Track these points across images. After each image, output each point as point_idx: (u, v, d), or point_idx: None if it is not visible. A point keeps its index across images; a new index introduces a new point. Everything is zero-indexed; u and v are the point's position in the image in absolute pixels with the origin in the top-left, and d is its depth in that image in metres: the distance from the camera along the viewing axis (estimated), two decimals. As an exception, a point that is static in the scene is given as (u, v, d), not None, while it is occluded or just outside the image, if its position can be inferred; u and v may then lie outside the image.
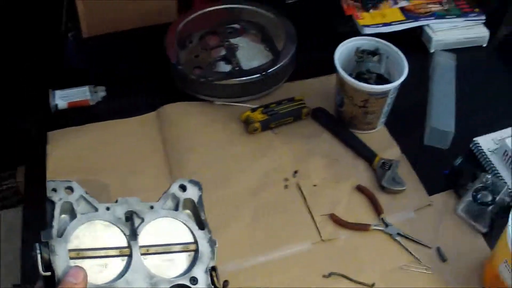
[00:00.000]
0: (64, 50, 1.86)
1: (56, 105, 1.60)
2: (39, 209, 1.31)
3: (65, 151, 1.50)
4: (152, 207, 0.88)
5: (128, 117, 1.60)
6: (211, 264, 0.86)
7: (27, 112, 1.64)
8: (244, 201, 1.40)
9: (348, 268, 1.28)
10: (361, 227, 1.34)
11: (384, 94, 1.44)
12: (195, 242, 0.87)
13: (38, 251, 0.77)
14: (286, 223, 1.36)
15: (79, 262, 0.78)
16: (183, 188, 0.92)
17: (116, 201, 0.87)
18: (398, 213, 1.38)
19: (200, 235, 0.88)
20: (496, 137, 1.50)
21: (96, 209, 0.85)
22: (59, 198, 0.84)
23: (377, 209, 1.37)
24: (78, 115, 1.60)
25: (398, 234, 1.33)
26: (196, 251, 0.86)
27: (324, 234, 1.33)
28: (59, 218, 0.83)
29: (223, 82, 1.58)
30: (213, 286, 0.84)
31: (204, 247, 0.87)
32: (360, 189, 1.41)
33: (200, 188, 0.93)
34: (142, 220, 0.86)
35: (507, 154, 1.42)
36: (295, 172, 1.45)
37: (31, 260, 0.78)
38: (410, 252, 1.31)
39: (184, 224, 0.89)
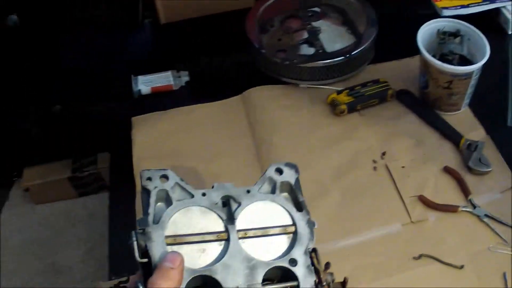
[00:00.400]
0: (143, 36, 1.90)
1: (140, 91, 1.63)
2: (125, 197, 1.39)
3: (149, 136, 1.53)
4: (248, 191, 0.87)
5: (211, 101, 1.62)
6: (311, 246, 0.84)
7: (110, 98, 1.69)
8: (333, 182, 1.42)
9: (437, 249, 1.29)
10: (449, 209, 1.36)
11: (468, 75, 1.44)
12: (294, 224, 0.86)
13: (134, 238, 0.77)
14: (375, 205, 1.38)
15: (176, 248, 0.79)
16: (279, 171, 0.91)
17: (212, 187, 0.87)
18: (485, 195, 1.38)
19: (298, 216, 0.87)
20: None
21: (192, 196, 0.85)
22: (154, 186, 0.84)
23: (465, 191, 1.38)
24: (162, 100, 1.63)
25: (486, 215, 1.34)
26: (295, 233, 0.85)
27: (414, 215, 1.35)
28: (154, 206, 0.83)
29: (307, 65, 1.59)
30: (313, 268, 0.83)
31: (302, 228, 0.86)
32: (447, 170, 1.43)
33: (297, 171, 0.92)
34: (239, 204, 0.86)
35: None
36: (383, 153, 1.47)
37: (126, 246, 0.78)
38: (498, 234, 1.32)
39: (282, 206, 0.88)
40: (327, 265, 0.85)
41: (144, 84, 1.64)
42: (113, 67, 1.78)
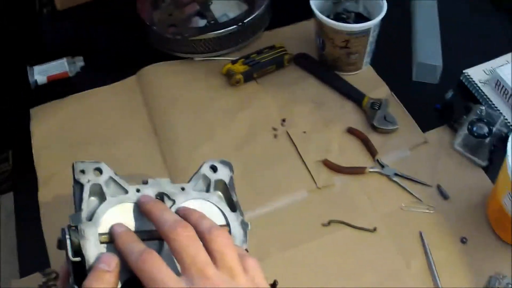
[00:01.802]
0: (40, 26, 1.79)
1: (36, 81, 1.54)
2: (30, 192, 1.30)
3: (49, 126, 1.44)
4: (183, 189, 0.82)
5: (108, 84, 1.53)
6: (244, 247, 0.79)
7: (7, 91, 1.58)
8: (233, 154, 1.32)
9: (348, 214, 1.20)
10: (356, 171, 1.26)
11: (365, 32, 1.36)
12: (227, 224, 0.81)
13: (67, 236, 0.71)
14: (279, 174, 1.28)
15: (110, 247, 0.73)
16: (213, 169, 0.86)
17: (147, 182, 0.81)
18: (393, 153, 1.30)
19: (232, 217, 0.82)
20: (486, 67, 1.42)
21: (126, 191, 0.79)
22: (87, 179, 0.77)
23: (371, 151, 1.29)
24: (59, 88, 1.53)
25: (396, 174, 1.25)
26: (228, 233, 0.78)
27: (319, 181, 1.25)
28: (88, 201, 0.76)
29: (200, 37, 1.49)
30: None
31: (236, 229, 0.80)
32: (351, 131, 1.33)
33: (231, 169, 0.88)
34: (174, 202, 0.80)
35: (499, 84, 1.34)
36: (283, 120, 1.37)
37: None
38: (410, 192, 1.23)
39: (216, 206, 0.82)
40: (275, 284, 0.80)
41: (40, 73, 1.54)
42: (8, 59, 1.65)
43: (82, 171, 0.77)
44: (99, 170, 0.79)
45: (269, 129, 1.36)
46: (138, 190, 0.79)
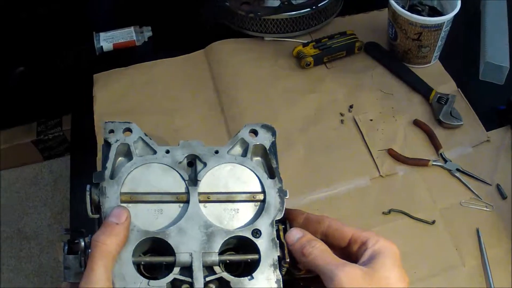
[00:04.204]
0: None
1: (101, 47, 1.51)
2: (87, 156, 1.27)
3: (111, 93, 1.42)
4: (217, 152, 0.76)
5: (175, 56, 1.50)
6: (279, 217, 0.73)
7: (72, 56, 1.57)
8: (299, 136, 1.30)
9: (408, 204, 1.18)
10: (419, 163, 1.24)
11: (438, 26, 1.32)
12: (263, 191, 0.74)
13: (88, 193, 0.69)
14: (343, 158, 1.26)
15: (132, 207, 0.69)
16: (254, 133, 0.78)
17: (178, 144, 0.76)
18: (456, 149, 1.27)
19: (269, 184, 0.75)
20: (553, 71, 1.37)
21: (155, 152, 0.74)
22: (116, 139, 0.74)
23: (435, 144, 1.26)
24: (124, 57, 1.51)
25: (458, 170, 1.23)
26: (263, 201, 0.74)
27: (383, 169, 1.23)
28: (114, 160, 0.73)
29: (272, 17, 1.46)
30: (278, 241, 0.71)
31: (272, 197, 0.74)
32: (417, 123, 1.30)
33: (274, 134, 0.79)
34: (205, 165, 0.74)
35: None
36: (351, 106, 1.34)
37: (81, 205, 0.69)
38: (470, 189, 1.20)
39: (252, 171, 0.76)
40: None
41: (106, 40, 1.51)
42: (75, 24, 1.63)
43: (112, 131, 0.74)
44: (129, 130, 0.75)
45: (336, 114, 1.34)
46: (167, 152, 0.75)
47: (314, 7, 1.46)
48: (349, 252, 0.68)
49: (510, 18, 1.51)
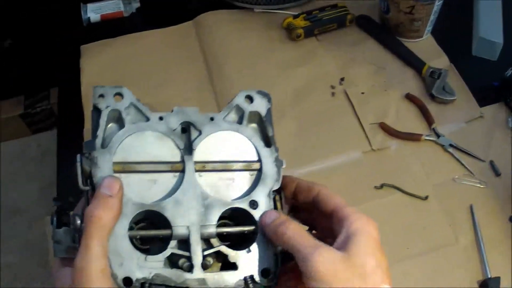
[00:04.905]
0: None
1: (89, 18, 1.47)
2: (74, 129, 1.24)
3: (99, 64, 1.39)
4: (212, 119, 0.71)
5: (163, 27, 1.47)
6: (275, 187, 0.69)
7: (60, 27, 1.52)
8: (289, 109, 1.27)
9: (400, 179, 1.15)
10: (412, 137, 1.21)
11: (431, 0, 1.29)
12: (259, 160, 0.71)
13: (78, 163, 0.64)
14: (334, 132, 1.23)
15: (124, 177, 0.65)
16: (250, 98, 0.74)
17: (172, 111, 0.71)
18: (449, 124, 1.24)
19: (265, 153, 0.71)
20: (548, 48, 1.35)
21: (148, 119, 0.70)
22: (106, 105, 0.69)
23: (428, 119, 1.24)
24: (112, 28, 1.47)
25: (451, 145, 1.20)
26: (259, 170, 0.70)
27: (375, 143, 1.21)
28: (105, 127, 0.68)
29: (262, -12, 1.44)
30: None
31: (268, 166, 0.70)
32: (409, 97, 1.27)
33: (269, 100, 0.75)
34: (200, 132, 0.70)
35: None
36: (342, 79, 1.31)
37: (71, 175, 0.64)
38: (464, 165, 1.17)
39: (248, 139, 0.72)
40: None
41: (94, 11, 1.48)
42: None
43: (102, 96, 0.70)
44: (120, 95, 0.71)
45: (327, 87, 1.31)
46: (161, 118, 0.70)
47: (304, -21, 1.43)
48: (331, 225, 0.65)
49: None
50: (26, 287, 2.21)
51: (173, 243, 0.64)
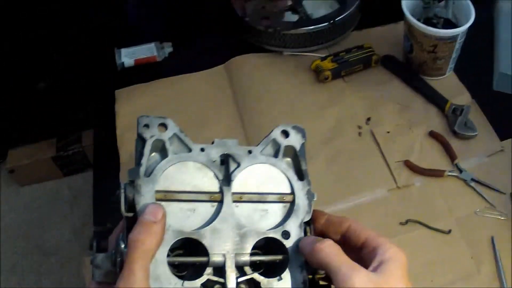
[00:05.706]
0: (126, 7, 1.85)
1: (123, 63, 1.58)
2: (109, 170, 1.33)
3: (133, 108, 1.47)
4: (250, 152, 0.78)
5: (196, 71, 1.57)
6: (307, 219, 0.76)
7: (94, 72, 1.66)
8: (318, 149, 1.37)
9: (424, 214, 1.26)
10: (435, 173, 1.31)
11: (453, 38, 1.40)
12: (292, 193, 0.77)
13: (122, 190, 0.70)
14: (361, 170, 1.34)
15: (166, 205, 0.70)
16: (285, 134, 0.81)
17: (213, 143, 0.78)
18: (471, 159, 1.34)
19: (298, 186, 0.78)
20: None
21: (190, 150, 0.77)
22: (150, 135, 0.75)
23: (451, 155, 1.34)
24: (146, 72, 1.57)
25: (473, 179, 1.30)
26: (292, 203, 0.77)
27: (400, 180, 1.31)
28: (148, 156, 0.74)
29: (291, 32, 1.54)
30: None
31: (301, 199, 0.77)
32: (433, 135, 1.38)
33: (304, 136, 0.82)
34: (238, 164, 0.76)
35: None
36: (368, 119, 1.42)
37: (110, 203, 0.71)
38: (485, 198, 1.28)
39: (283, 172, 0.78)
40: None
41: (127, 56, 1.58)
42: (96, 40, 1.71)
43: (146, 126, 0.76)
44: (164, 126, 0.77)
45: (354, 127, 1.41)
46: (202, 149, 0.76)
47: (331, 22, 1.54)
48: (360, 255, 0.70)
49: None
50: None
51: (209, 270, 0.68)
